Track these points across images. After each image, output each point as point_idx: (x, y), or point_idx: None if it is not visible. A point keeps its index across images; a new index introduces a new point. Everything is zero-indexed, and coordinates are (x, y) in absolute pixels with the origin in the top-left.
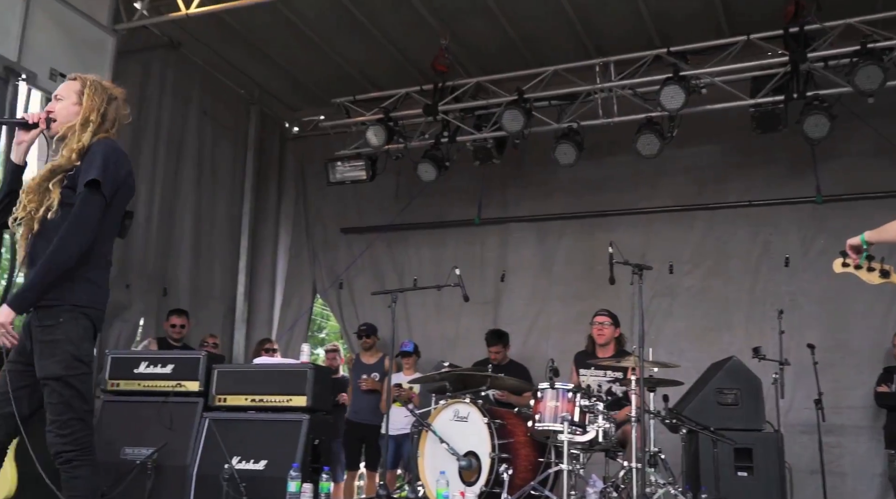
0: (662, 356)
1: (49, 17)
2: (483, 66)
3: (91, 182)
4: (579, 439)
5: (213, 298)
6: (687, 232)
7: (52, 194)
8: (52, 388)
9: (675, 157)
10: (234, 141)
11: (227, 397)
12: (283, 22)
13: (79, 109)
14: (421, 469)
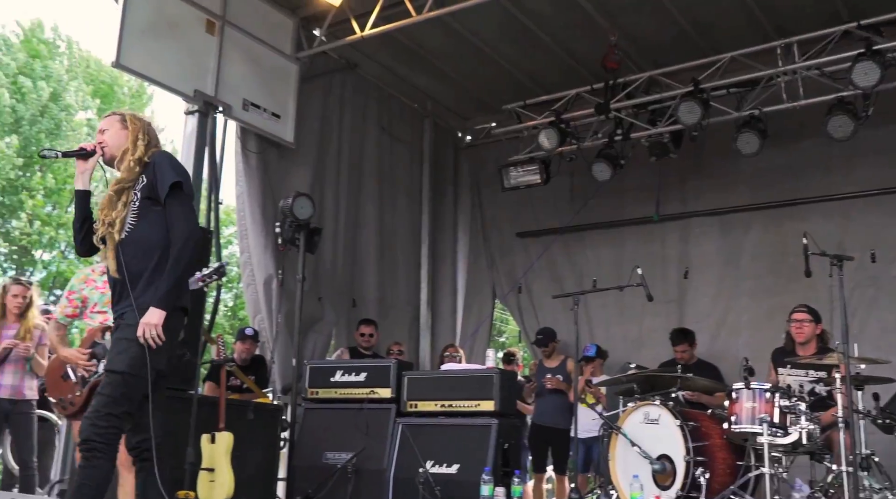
0: (868, 352)
1: (239, 52)
2: (654, 60)
3: (173, 184)
4: (780, 441)
5: (399, 307)
6: (890, 217)
7: (123, 206)
8: (110, 380)
9: (872, 137)
10: (411, 154)
11: (418, 402)
12: (452, 35)
13: (126, 133)
14: (612, 473)
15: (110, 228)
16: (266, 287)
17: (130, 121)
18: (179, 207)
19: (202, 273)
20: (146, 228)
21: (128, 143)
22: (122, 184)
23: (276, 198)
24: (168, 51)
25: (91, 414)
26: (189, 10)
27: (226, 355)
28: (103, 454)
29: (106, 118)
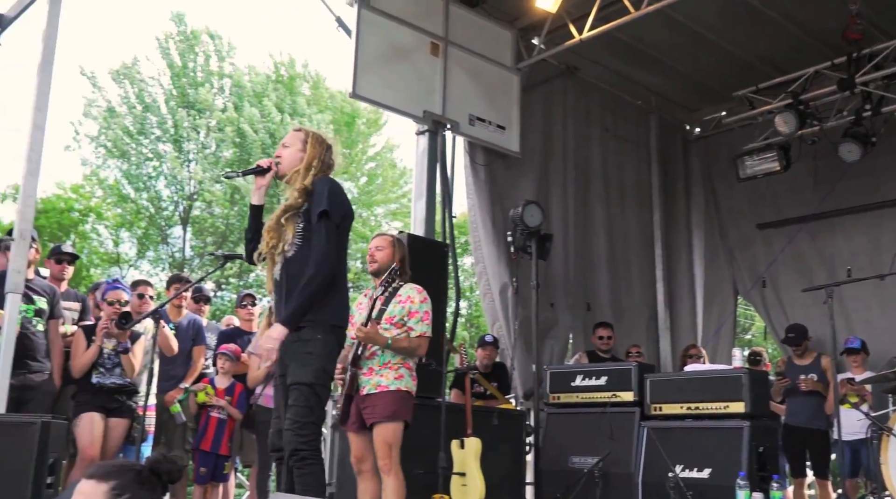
0: None
1: (463, 70)
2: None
3: (322, 213)
4: None
5: (634, 309)
6: None
7: (287, 230)
8: (300, 392)
9: None
10: (637, 152)
11: (663, 405)
12: (673, 26)
13: (303, 156)
14: (886, 478)
15: (272, 250)
16: (502, 295)
17: (311, 144)
18: (322, 233)
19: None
20: (308, 250)
21: (301, 166)
22: (288, 211)
23: (506, 207)
24: (398, 76)
25: (292, 426)
26: (415, 35)
27: (469, 363)
28: (314, 459)
29: (293, 133)
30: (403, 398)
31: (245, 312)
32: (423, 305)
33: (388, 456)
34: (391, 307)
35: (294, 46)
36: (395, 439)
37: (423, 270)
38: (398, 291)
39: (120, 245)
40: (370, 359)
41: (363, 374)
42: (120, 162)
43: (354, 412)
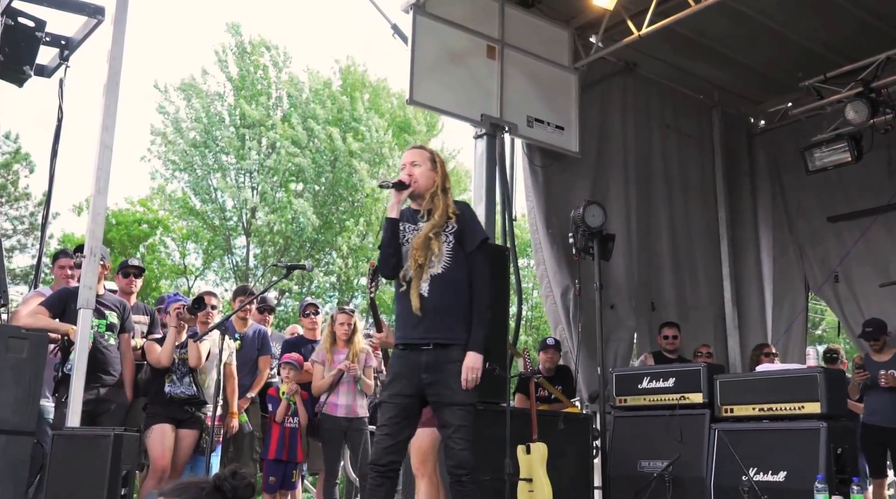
0: None
1: (520, 72)
2: None
3: (483, 241)
4: None
5: (701, 308)
6: None
7: (435, 248)
8: (465, 412)
9: None
10: (700, 148)
11: (734, 407)
12: (735, 17)
13: (434, 176)
14: None
15: (420, 267)
16: (563, 297)
17: (440, 163)
18: (484, 262)
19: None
20: (457, 268)
21: (436, 186)
22: (437, 229)
23: (566, 209)
24: (454, 81)
25: (466, 446)
26: (471, 39)
27: (532, 368)
28: (473, 474)
29: (415, 151)
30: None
31: (308, 321)
32: None
33: (422, 461)
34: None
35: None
36: (430, 445)
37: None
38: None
39: (186, 256)
40: None
41: None
42: (186, 174)
43: None
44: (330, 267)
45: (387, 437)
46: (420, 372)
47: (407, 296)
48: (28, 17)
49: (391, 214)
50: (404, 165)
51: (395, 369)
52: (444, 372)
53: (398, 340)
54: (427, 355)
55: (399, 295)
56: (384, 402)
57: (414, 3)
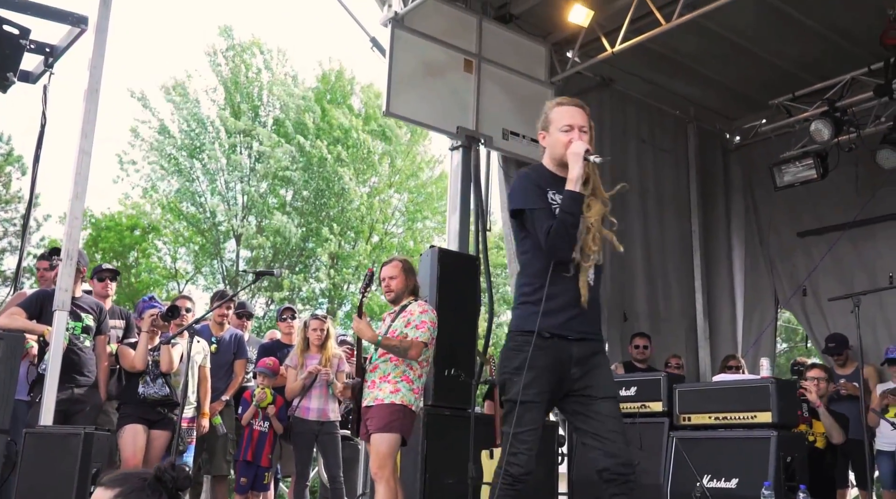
0: None
1: (496, 85)
2: None
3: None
4: None
5: (673, 319)
6: None
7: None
8: (616, 404)
9: None
10: (675, 162)
11: (692, 415)
12: (707, 35)
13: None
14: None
15: (585, 260)
16: None
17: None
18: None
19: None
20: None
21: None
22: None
23: None
24: (431, 93)
25: (620, 437)
26: (448, 53)
27: None
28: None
29: (583, 112)
30: (398, 412)
31: (285, 326)
32: (423, 316)
33: (379, 466)
34: (396, 322)
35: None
36: (387, 451)
37: (455, 284)
38: (406, 308)
39: (177, 261)
40: (373, 372)
41: (367, 386)
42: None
43: (364, 423)
44: (319, 275)
45: (535, 442)
46: (570, 366)
47: (573, 283)
48: (13, 25)
49: (578, 187)
50: (572, 126)
51: (538, 363)
52: (597, 365)
53: (546, 329)
54: (578, 348)
55: (559, 280)
56: (529, 402)
57: (392, 17)
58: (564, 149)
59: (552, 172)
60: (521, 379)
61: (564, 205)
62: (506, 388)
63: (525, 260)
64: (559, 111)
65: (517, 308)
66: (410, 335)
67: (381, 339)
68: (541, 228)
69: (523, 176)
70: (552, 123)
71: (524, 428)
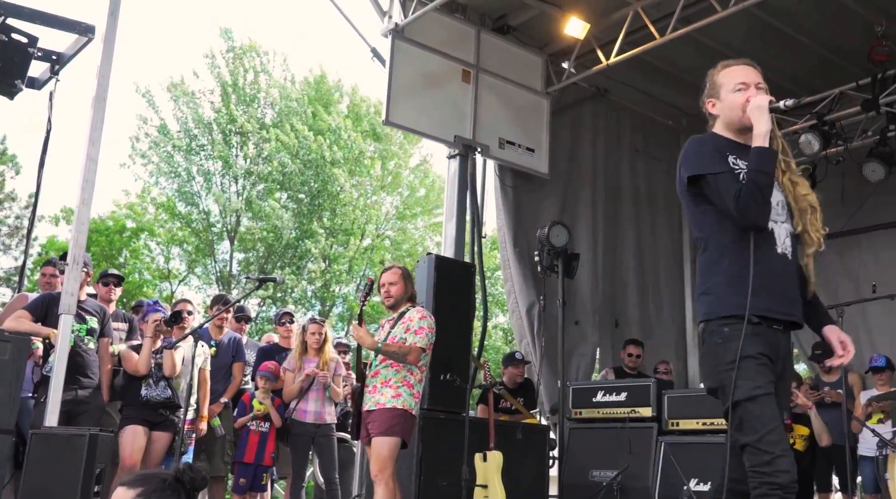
0: None
1: (493, 95)
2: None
3: None
4: None
5: (663, 326)
6: None
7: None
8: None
9: None
10: (668, 171)
11: (679, 421)
12: (700, 48)
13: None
14: (892, 492)
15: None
16: (529, 313)
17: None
18: None
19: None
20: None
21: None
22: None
23: (535, 228)
24: (430, 103)
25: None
26: (447, 63)
27: (492, 379)
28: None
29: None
30: (400, 416)
31: (283, 330)
32: (421, 322)
33: (380, 469)
34: (396, 329)
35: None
36: (388, 454)
37: (450, 290)
38: (404, 314)
39: (170, 261)
40: (374, 377)
41: (368, 391)
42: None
43: (364, 427)
44: (312, 276)
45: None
46: (778, 360)
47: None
48: (21, 34)
49: (766, 143)
50: (747, 83)
51: (757, 349)
52: (789, 364)
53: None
54: (784, 339)
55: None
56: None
57: (393, 28)
58: (742, 110)
59: (729, 138)
60: (743, 372)
61: (754, 162)
62: (727, 390)
63: (707, 235)
64: (728, 72)
65: (706, 294)
66: (409, 341)
67: (380, 345)
68: (728, 192)
69: (698, 141)
70: (722, 87)
71: (770, 426)
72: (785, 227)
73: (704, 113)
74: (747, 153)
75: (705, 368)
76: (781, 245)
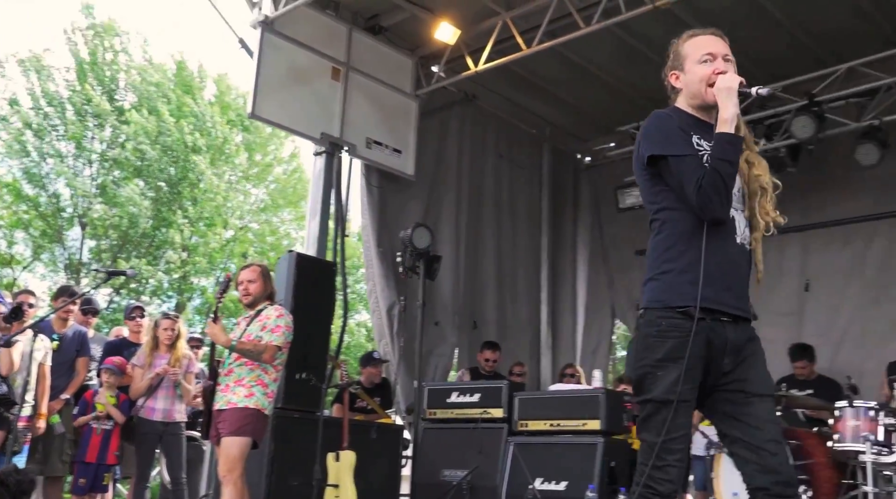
0: None
1: (362, 94)
2: (773, 72)
3: None
4: (885, 459)
5: (520, 328)
6: None
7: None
8: (773, 404)
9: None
10: (530, 179)
11: (529, 422)
12: (566, 62)
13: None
14: (717, 492)
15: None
16: (389, 313)
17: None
18: None
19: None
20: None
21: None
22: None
23: (399, 228)
24: (297, 99)
25: (779, 447)
26: (316, 60)
27: (349, 379)
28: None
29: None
30: (251, 416)
31: (133, 324)
32: (279, 320)
33: (229, 469)
34: (252, 326)
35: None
36: (237, 454)
37: (311, 289)
38: (262, 312)
39: (13, 246)
40: (227, 376)
41: (220, 390)
42: (18, 158)
43: (214, 426)
44: (171, 266)
45: (686, 453)
46: (724, 355)
47: (733, 249)
48: None
49: (732, 129)
50: (713, 54)
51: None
52: (753, 353)
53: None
54: (734, 332)
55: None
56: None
57: (262, 20)
58: (706, 83)
59: (693, 115)
60: (668, 373)
61: (717, 151)
62: (644, 384)
63: (663, 219)
64: (693, 42)
65: (654, 280)
66: (265, 339)
67: (234, 343)
68: (689, 180)
69: (662, 117)
70: (687, 58)
71: (675, 434)
72: (743, 214)
73: (667, 87)
74: (711, 133)
75: (632, 355)
76: (741, 235)
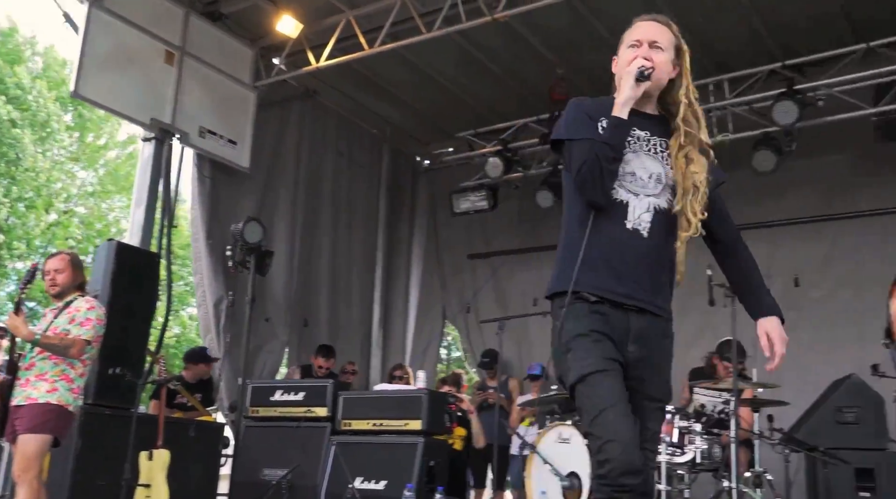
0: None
1: (198, 81)
2: (604, 94)
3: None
4: (678, 460)
5: (352, 327)
6: (814, 242)
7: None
8: (664, 413)
9: (800, 168)
10: (369, 178)
11: (352, 421)
12: (408, 65)
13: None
14: (528, 490)
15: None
16: (216, 307)
17: (684, 56)
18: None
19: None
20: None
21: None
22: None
23: (230, 221)
24: (126, 81)
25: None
26: (148, 41)
27: (168, 374)
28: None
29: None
30: (52, 412)
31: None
32: (89, 313)
33: (24, 468)
34: (59, 319)
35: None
36: (34, 453)
37: (131, 280)
38: (70, 304)
39: None
40: (28, 370)
41: (19, 384)
42: None
43: (10, 423)
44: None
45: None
46: (627, 340)
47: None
48: None
49: (622, 113)
50: (640, 41)
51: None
52: (661, 349)
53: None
54: (638, 321)
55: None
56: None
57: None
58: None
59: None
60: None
61: (602, 134)
62: (563, 377)
63: (566, 204)
64: (632, 28)
65: (555, 265)
66: (73, 332)
67: (38, 337)
68: (575, 163)
69: (574, 104)
70: (622, 43)
71: (600, 406)
72: (650, 201)
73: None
74: (639, 120)
75: (553, 353)
76: (634, 220)
